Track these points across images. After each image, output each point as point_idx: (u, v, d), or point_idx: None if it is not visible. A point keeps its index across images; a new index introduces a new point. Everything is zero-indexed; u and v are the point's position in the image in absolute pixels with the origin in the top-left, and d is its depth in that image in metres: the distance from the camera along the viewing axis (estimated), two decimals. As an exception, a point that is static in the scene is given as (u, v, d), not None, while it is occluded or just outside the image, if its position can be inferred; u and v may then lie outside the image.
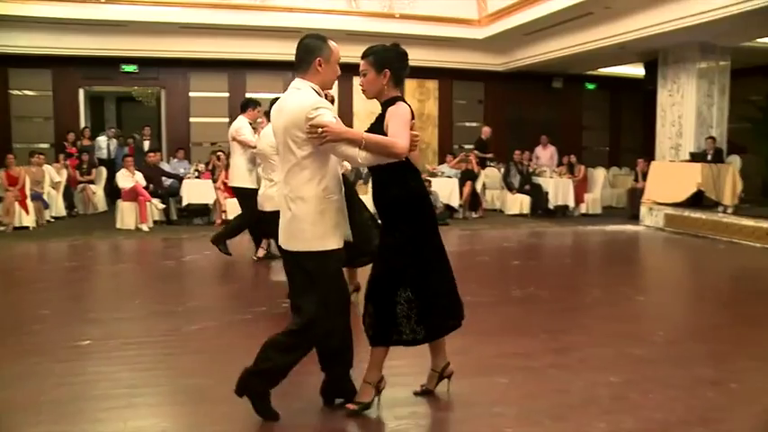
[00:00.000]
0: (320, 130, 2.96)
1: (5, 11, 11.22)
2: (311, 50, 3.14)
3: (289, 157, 3.09)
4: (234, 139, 7.05)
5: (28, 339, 4.58)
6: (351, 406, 3.32)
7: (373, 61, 3.26)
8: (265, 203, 5.53)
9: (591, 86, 16.26)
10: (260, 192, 5.90)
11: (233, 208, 9.49)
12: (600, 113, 16.49)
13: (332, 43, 3.19)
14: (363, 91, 3.34)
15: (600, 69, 15.15)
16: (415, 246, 3.27)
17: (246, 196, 6.82)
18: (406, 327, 3.28)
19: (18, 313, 5.40)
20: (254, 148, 6.45)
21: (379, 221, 3.50)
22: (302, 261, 3.14)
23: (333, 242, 3.12)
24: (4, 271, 7.73)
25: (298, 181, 3.08)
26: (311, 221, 3.07)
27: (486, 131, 13.91)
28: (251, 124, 7.05)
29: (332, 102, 3.83)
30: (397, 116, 3.16)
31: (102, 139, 13.55)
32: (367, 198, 11.41)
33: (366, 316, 3.32)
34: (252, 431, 3.16)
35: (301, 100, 3.06)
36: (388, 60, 3.26)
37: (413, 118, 3.25)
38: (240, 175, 6.98)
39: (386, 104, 3.28)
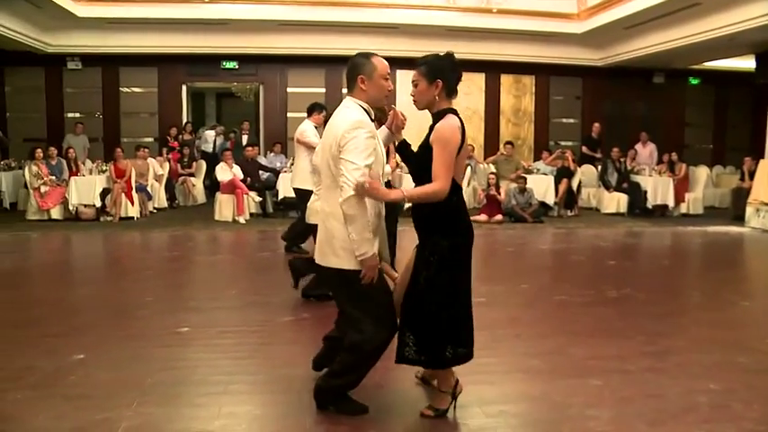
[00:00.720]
0: (366, 185, 2.90)
1: (118, 14, 11.89)
2: (354, 68, 3.13)
3: (328, 173, 3.09)
4: (298, 141, 7.14)
5: (135, 324, 4.83)
6: (426, 411, 3.28)
7: (425, 71, 3.14)
8: (311, 216, 5.29)
9: (694, 81, 15.55)
10: (308, 204, 5.73)
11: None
12: (704, 109, 15.73)
13: (377, 60, 3.14)
14: (414, 102, 3.23)
15: (705, 63, 14.47)
16: (449, 259, 3.16)
17: (306, 198, 6.84)
18: (455, 341, 3.19)
19: (126, 299, 5.68)
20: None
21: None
22: (333, 278, 3.14)
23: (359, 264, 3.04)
24: (112, 259, 8.20)
25: (334, 198, 3.03)
26: (343, 239, 3.02)
27: (596, 128, 13.56)
28: (317, 128, 7.13)
29: (387, 113, 3.77)
30: (441, 144, 3.05)
31: (210, 133, 14.04)
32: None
33: (407, 341, 3.20)
34: (343, 421, 3.20)
35: (343, 119, 3.06)
36: (441, 70, 3.14)
37: (464, 133, 3.12)
38: (302, 177, 6.93)
39: (436, 116, 3.17)
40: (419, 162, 3.18)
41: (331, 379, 3.27)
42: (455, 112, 3.16)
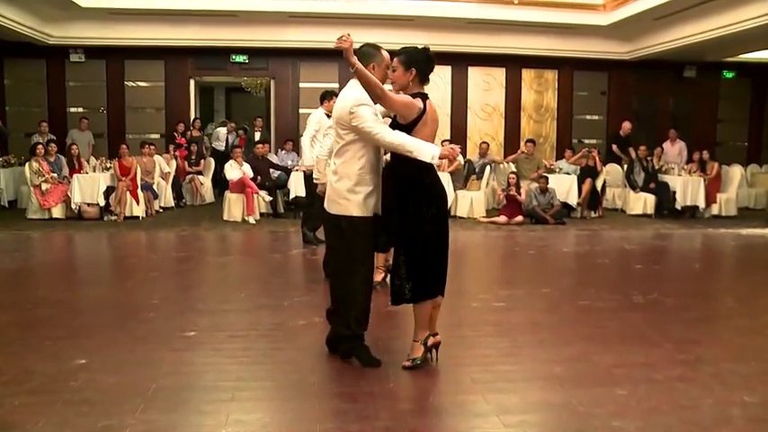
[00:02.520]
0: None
1: (123, 4, 11.68)
2: (367, 56, 3.82)
3: (337, 140, 3.85)
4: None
5: (140, 327, 4.74)
6: (406, 363, 3.85)
7: (403, 60, 3.84)
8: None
9: (729, 75, 14.99)
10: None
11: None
12: (738, 104, 15.21)
13: (384, 52, 3.88)
14: (392, 83, 3.93)
15: (741, 55, 13.93)
16: (418, 218, 3.79)
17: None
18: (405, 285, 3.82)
19: (131, 301, 5.59)
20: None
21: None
22: (332, 222, 3.86)
23: (360, 211, 3.78)
24: (118, 259, 8.12)
25: (341, 160, 3.81)
26: (342, 193, 3.78)
27: (625, 127, 13.00)
28: (328, 115, 7.10)
29: None
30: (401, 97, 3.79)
31: (221, 131, 13.78)
32: (479, 194, 11.19)
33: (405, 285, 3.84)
34: (355, 428, 3.12)
35: (349, 97, 3.76)
36: (416, 60, 3.83)
37: (424, 112, 3.77)
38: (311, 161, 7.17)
39: None
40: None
41: (338, 326, 3.93)
42: (424, 96, 3.84)
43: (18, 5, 10.78)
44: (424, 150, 3.58)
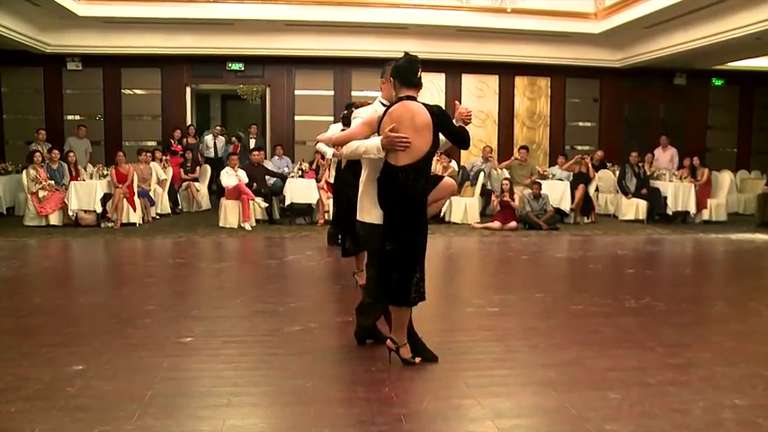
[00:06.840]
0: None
1: (120, 13, 11.71)
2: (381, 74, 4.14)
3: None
4: None
5: (136, 333, 4.72)
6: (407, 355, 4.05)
7: (387, 76, 4.01)
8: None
9: (718, 82, 15.16)
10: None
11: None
12: (728, 111, 15.34)
13: (389, 67, 4.02)
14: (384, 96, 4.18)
15: (729, 63, 14.07)
16: (398, 228, 3.87)
17: None
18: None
19: (127, 308, 5.56)
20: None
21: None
22: (367, 229, 4.03)
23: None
24: (115, 265, 8.06)
25: (366, 170, 4.01)
26: (373, 202, 3.95)
27: (598, 155, 12.87)
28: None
29: None
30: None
31: (209, 138, 13.73)
32: (473, 200, 11.16)
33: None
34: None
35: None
36: (394, 68, 3.91)
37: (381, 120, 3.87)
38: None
39: (396, 102, 3.90)
40: None
41: (365, 318, 4.25)
42: (405, 99, 3.84)
43: (15, 14, 10.83)
44: (370, 146, 3.79)
